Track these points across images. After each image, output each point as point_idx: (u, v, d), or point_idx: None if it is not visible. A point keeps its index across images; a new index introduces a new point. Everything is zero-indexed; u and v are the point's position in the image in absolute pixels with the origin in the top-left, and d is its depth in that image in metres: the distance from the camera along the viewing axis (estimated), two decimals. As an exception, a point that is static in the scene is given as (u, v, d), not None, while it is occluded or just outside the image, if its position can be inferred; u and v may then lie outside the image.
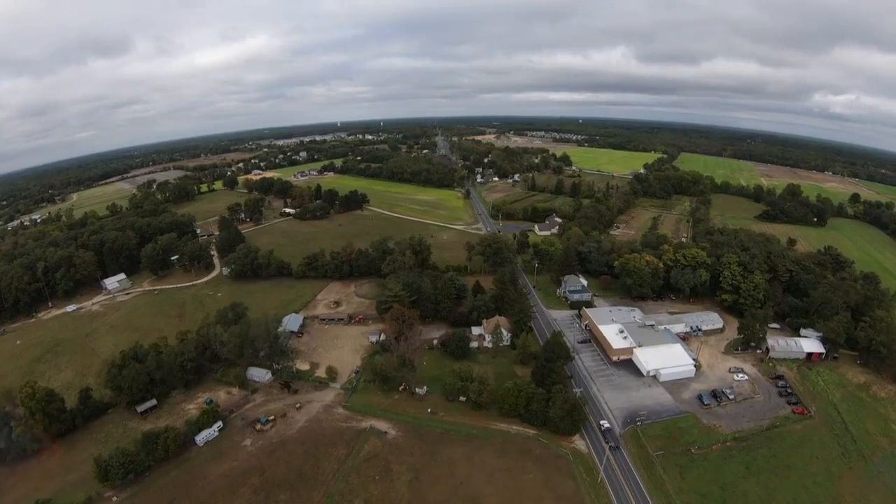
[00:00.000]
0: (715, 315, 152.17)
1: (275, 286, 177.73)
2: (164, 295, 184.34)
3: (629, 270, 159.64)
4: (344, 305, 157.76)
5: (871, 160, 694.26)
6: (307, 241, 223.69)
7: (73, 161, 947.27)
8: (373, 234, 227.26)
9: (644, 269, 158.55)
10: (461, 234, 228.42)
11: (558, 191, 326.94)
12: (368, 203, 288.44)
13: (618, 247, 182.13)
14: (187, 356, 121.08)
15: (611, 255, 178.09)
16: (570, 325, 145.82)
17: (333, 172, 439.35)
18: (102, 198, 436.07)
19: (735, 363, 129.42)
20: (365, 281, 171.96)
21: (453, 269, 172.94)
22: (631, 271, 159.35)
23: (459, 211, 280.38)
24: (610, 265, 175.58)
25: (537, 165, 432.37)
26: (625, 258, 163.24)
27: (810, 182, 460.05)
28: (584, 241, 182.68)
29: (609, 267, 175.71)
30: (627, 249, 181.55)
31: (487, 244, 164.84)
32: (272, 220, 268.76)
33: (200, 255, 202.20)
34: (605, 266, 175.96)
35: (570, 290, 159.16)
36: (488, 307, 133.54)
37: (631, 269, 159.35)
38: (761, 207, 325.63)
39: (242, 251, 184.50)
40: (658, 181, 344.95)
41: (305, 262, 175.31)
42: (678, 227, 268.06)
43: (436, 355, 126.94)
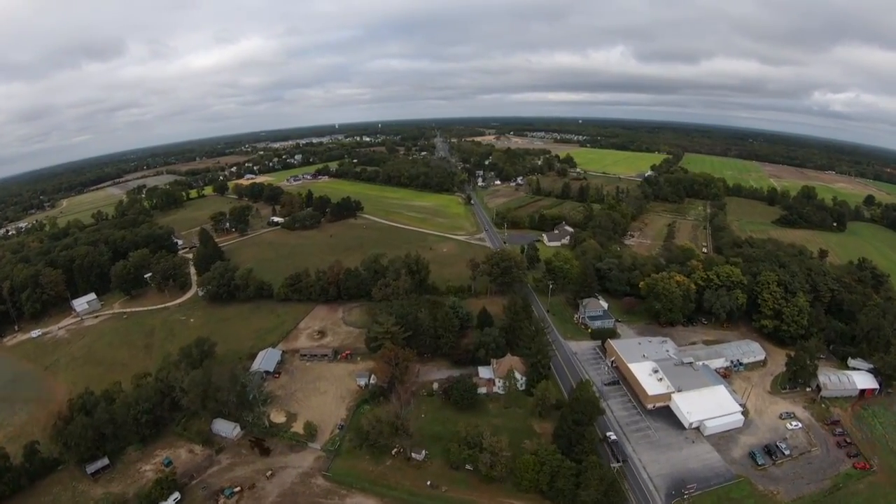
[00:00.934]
0: (756, 345, 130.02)
1: (254, 311, 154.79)
2: (133, 320, 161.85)
3: (658, 293, 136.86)
4: (329, 336, 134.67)
5: (875, 159, 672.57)
6: (294, 254, 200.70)
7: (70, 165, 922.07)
8: (366, 247, 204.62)
9: (675, 292, 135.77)
10: (463, 246, 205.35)
11: (565, 195, 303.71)
12: (362, 210, 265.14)
13: (640, 263, 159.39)
14: (142, 407, 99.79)
15: (633, 273, 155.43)
16: (592, 360, 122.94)
17: (328, 176, 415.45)
18: (92, 204, 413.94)
19: (785, 406, 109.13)
20: (354, 305, 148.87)
21: (455, 291, 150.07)
22: (660, 294, 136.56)
23: (460, 218, 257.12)
24: (632, 284, 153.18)
25: (540, 167, 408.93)
26: (652, 278, 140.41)
27: (819, 183, 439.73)
28: (603, 256, 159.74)
29: (631, 285, 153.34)
30: (652, 266, 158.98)
31: (494, 263, 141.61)
32: (259, 230, 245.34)
33: (174, 273, 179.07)
34: (627, 285, 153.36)
35: (590, 316, 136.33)
36: (498, 343, 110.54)
37: (660, 292, 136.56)
38: (777, 211, 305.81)
39: (218, 270, 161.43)
40: (669, 184, 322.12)
41: (288, 283, 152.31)
42: (695, 234, 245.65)
43: (436, 404, 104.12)
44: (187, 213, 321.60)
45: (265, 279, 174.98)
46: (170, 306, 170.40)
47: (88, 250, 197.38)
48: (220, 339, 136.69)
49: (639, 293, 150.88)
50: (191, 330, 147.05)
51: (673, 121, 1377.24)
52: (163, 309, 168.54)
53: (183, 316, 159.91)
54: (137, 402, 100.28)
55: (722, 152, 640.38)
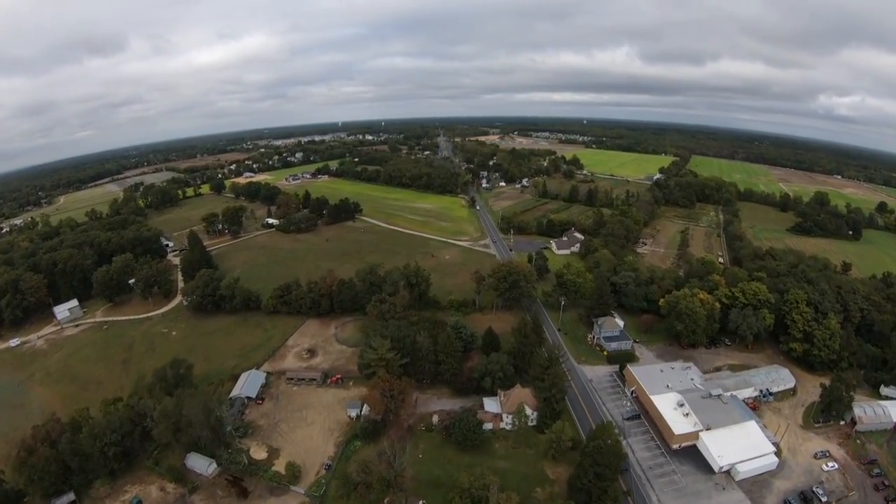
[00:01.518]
0: (785, 371, 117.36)
1: (240, 323, 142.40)
2: (114, 331, 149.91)
3: (679, 312, 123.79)
4: (320, 356, 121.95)
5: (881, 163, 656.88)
6: (287, 260, 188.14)
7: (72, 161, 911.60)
8: (364, 252, 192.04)
9: (698, 312, 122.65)
10: (466, 254, 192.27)
11: (572, 198, 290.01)
12: (361, 212, 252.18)
13: (658, 276, 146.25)
14: (110, 439, 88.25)
15: (650, 287, 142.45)
16: (610, 389, 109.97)
17: (328, 175, 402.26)
18: (89, 201, 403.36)
19: (819, 443, 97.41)
20: (349, 319, 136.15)
21: (458, 306, 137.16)
22: (682, 313, 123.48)
23: (464, 222, 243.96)
24: (650, 299, 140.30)
25: (546, 169, 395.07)
26: (673, 296, 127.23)
27: (829, 188, 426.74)
28: (618, 269, 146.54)
29: (648, 301, 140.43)
30: (671, 280, 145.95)
31: (501, 277, 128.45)
32: (253, 233, 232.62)
33: (157, 280, 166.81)
34: (644, 300, 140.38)
35: (605, 337, 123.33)
36: (506, 371, 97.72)
37: (682, 311, 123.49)
38: (791, 218, 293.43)
39: (203, 279, 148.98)
40: (679, 188, 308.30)
41: (277, 295, 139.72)
42: (710, 242, 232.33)
43: (436, 441, 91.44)
44: (182, 213, 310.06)
45: (255, 287, 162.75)
46: (153, 316, 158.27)
47: (72, 253, 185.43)
48: (202, 357, 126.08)
49: (657, 310, 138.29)
50: (171, 344, 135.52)
51: (677, 122, 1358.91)
52: (145, 319, 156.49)
53: (165, 328, 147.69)
54: (105, 432, 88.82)
55: (729, 155, 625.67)
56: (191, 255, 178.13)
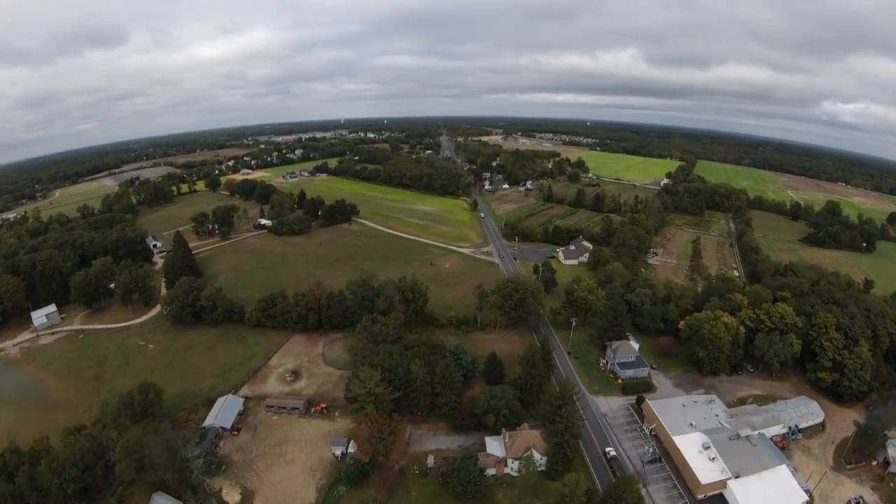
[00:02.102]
0: (814, 405, 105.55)
1: (221, 337, 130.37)
2: (89, 341, 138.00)
3: (702, 338, 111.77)
4: (304, 379, 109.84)
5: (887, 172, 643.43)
6: (277, 265, 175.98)
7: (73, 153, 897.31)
8: (358, 259, 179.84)
9: (723, 338, 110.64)
10: (468, 262, 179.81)
11: (578, 203, 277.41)
12: (358, 214, 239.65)
13: (676, 295, 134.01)
14: (70, 474, 77.11)
15: (667, 306, 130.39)
16: (626, 425, 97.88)
17: (326, 174, 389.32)
18: (84, 195, 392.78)
19: (852, 487, 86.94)
20: (338, 336, 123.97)
21: (459, 323, 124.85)
22: (704, 339, 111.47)
23: (465, 227, 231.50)
24: (666, 319, 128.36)
25: (551, 171, 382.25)
26: (695, 319, 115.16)
27: (837, 196, 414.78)
28: (633, 285, 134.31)
29: (665, 321, 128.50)
30: (690, 299, 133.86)
31: (507, 295, 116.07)
32: (244, 234, 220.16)
33: (137, 286, 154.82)
34: (661, 321, 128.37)
35: (620, 364, 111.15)
36: (511, 407, 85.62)
37: (704, 336, 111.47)
38: (803, 228, 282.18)
39: (183, 287, 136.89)
40: (689, 194, 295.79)
41: (261, 308, 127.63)
42: (723, 253, 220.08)
43: (431, 488, 79.42)
44: (175, 210, 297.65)
45: (241, 296, 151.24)
46: (131, 326, 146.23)
47: (52, 255, 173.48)
48: (178, 375, 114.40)
49: (674, 330, 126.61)
50: (147, 360, 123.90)
51: (681, 126, 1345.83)
52: (122, 329, 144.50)
53: (142, 340, 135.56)
54: (65, 465, 77.87)
55: (735, 160, 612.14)
56: (174, 259, 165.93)
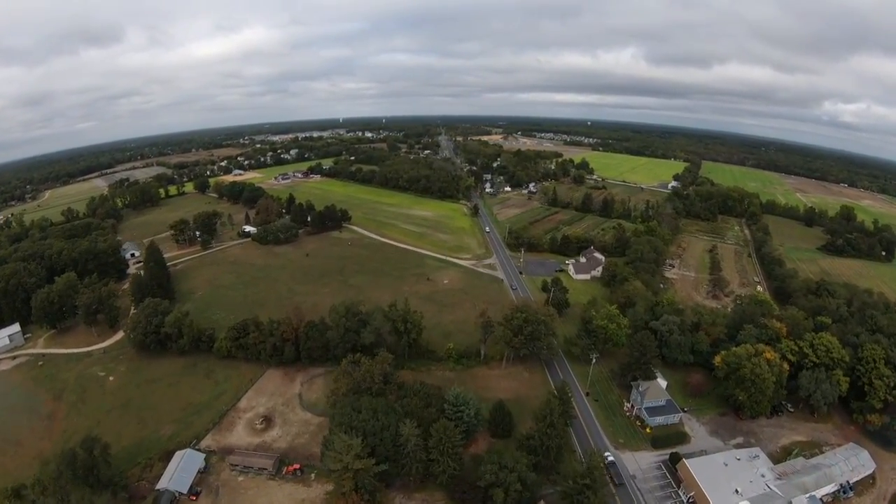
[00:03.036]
0: (865, 455, 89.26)
1: (188, 370, 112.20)
2: (48, 369, 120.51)
3: (743, 378, 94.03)
4: (278, 427, 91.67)
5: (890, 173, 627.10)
6: (258, 280, 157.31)
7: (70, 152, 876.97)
8: (347, 273, 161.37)
9: (767, 379, 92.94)
10: (469, 277, 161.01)
11: (585, 208, 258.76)
12: (350, 220, 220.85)
13: (707, 322, 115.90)
14: None
15: (697, 335, 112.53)
16: (659, 490, 79.89)
17: (320, 175, 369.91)
18: (73, 196, 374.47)
19: None
20: (318, 372, 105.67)
21: (459, 357, 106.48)
22: (745, 380, 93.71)
23: (465, 235, 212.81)
24: (696, 350, 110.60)
25: (554, 173, 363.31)
26: (734, 355, 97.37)
27: (846, 199, 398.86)
28: (657, 310, 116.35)
29: (694, 352, 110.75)
30: (722, 327, 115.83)
31: (517, 328, 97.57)
32: (227, 243, 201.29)
33: (100, 307, 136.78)
34: (690, 352, 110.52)
35: (648, 408, 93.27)
36: (524, 479, 67.48)
37: (745, 377, 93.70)
38: (818, 234, 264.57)
39: (145, 311, 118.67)
40: (700, 199, 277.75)
41: (232, 336, 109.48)
42: (742, 265, 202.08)
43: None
44: (160, 214, 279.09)
45: (215, 317, 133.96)
46: (93, 351, 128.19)
47: (16, 269, 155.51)
48: (136, 417, 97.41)
49: (704, 361, 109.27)
50: (105, 396, 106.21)
51: (682, 126, 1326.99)
52: (84, 355, 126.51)
53: (102, 371, 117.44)
54: None
55: (740, 161, 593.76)
56: (145, 274, 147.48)
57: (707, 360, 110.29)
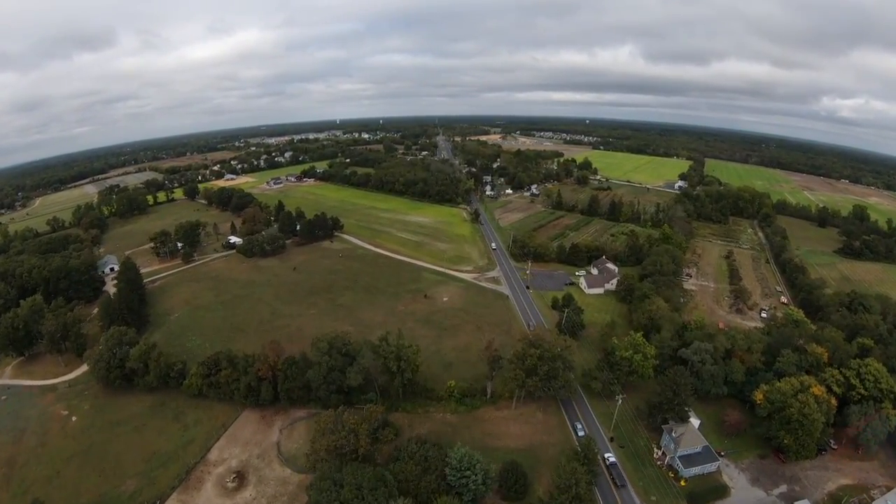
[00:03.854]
0: None
1: (155, 410, 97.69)
2: (11, 405, 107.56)
3: (789, 419, 79.90)
4: (251, 487, 76.85)
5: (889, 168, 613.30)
6: (239, 300, 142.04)
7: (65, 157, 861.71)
8: (337, 290, 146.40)
9: (815, 419, 78.85)
10: (471, 293, 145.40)
11: (592, 211, 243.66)
12: (342, 229, 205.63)
13: (742, 347, 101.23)
14: None
15: (730, 363, 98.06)
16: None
17: (314, 179, 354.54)
18: (64, 204, 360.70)
19: None
20: (300, 416, 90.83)
21: (462, 395, 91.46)
22: (792, 420, 79.56)
23: (466, 243, 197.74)
24: (730, 380, 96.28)
25: (556, 173, 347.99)
26: (778, 392, 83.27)
27: (853, 196, 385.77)
28: (686, 335, 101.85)
29: (728, 382, 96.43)
30: (758, 353, 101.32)
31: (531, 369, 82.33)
32: (210, 255, 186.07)
33: (66, 333, 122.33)
34: (724, 383, 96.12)
35: (682, 457, 78.75)
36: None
37: (792, 417, 79.54)
38: (832, 235, 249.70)
39: (109, 342, 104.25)
40: (711, 200, 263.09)
41: (203, 373, 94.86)
42: (761, 271, 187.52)
43: None
44: (147, 223, 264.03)
45: (189, 344, 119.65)
46: (59, 385, 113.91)
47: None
48: (95, 469, 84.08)
49: (737, 393, 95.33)
50: (66, 440, 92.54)
51: (680, 123, 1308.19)
52: (49, 389, 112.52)
53: (66, 409, 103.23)
54: None
55: (742, 159, 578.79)
56: (115, 296, 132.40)
57: (741, 390, 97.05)
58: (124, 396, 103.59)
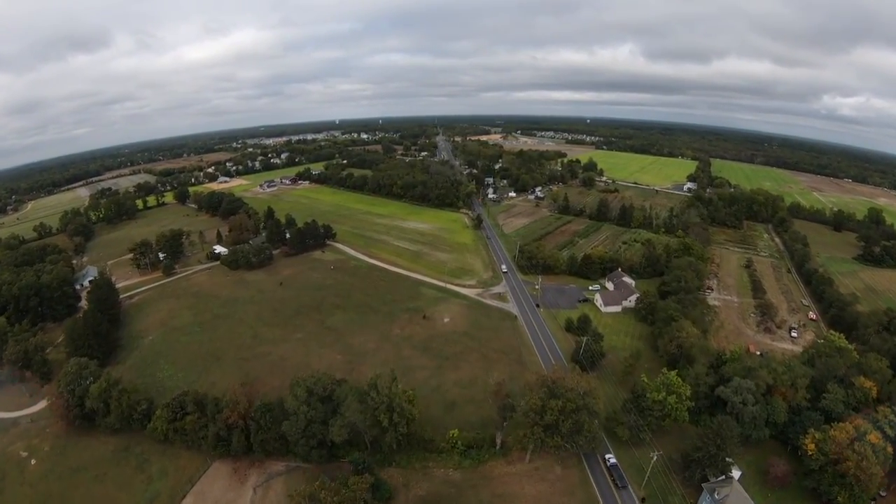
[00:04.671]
0: None
1: (118, 456, 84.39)
2: None
3: (843, 473, 66.47)
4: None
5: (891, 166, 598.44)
6: (218, 320, 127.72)
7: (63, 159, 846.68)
8: (326, 309, 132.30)
9: (874, 472, 65.66)
10: (475, 313, 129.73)
11: (601, 216, 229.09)
12: (334, 237, 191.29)
13: (785, 382, 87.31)
14: None
15: (772, 400, 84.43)
16: None
17: (309, 181, 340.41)
18: (55, 208, 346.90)
19: None
20: (278, 468, 76.84)
21: (467, 446, 77.41)
22: (848, 475, 66.14)
23: (468, 253, 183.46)
24: (772, 421, 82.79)
25: (561, 175, 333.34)
26: (832, 441, 69.67)
27: (862, 197, 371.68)
28: (724, 370, 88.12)
29: (769, 423, 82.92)
30: (803, 389, 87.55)
31: (550, 425, 67.80)
32: (194, 267, 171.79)
33: (28, 361, 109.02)
34: (766, 423, 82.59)
35: (734, 527, 65.14)
36: None
37: (849, 471, 66.23)
38: (849, 240, 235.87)
39: (67, 376, 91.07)
40: (724, 203, 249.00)
41: (168, 417, 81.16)
42: (784, 282, 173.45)
43: None
44: (134, 229, 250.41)
45: (160, 375, 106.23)
46: (21, 419, 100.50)
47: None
48: None
49: (779, 434, 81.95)
50: (25, 486, 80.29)
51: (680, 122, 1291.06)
52: (11, 424, 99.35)
53: (25, 450, 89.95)
54: None
55: (748, 159, 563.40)
56: (82, 319, 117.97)
57: (783, 431, 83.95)
58: (87, 437, 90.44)
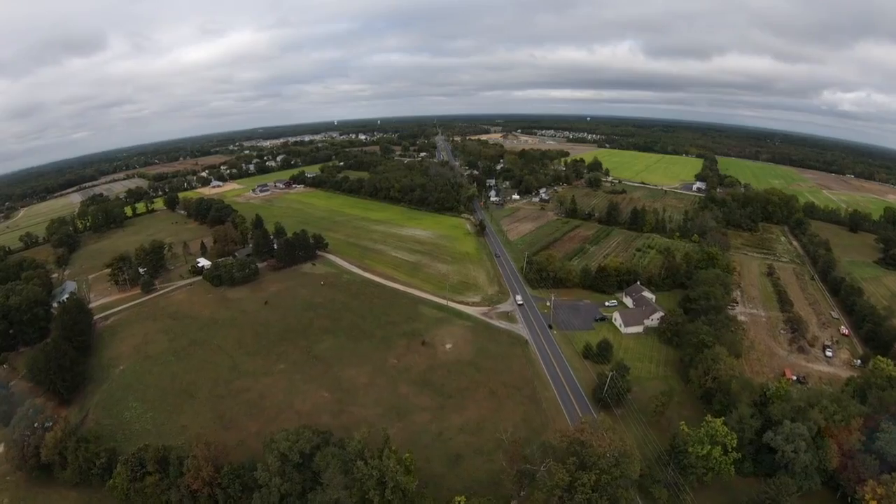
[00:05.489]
0: None
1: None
2: None
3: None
4: None
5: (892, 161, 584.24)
6: (196, 346, 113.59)
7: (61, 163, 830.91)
8: (314, 332, 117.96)
9: None
10: (480, 337, 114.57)
11: (611, 219, 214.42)
12: (326, 248, 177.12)
13: (837, 422, 73.61)
14: None
15: (824, 443, 70.91)
16: None
17: (304, 185, 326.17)
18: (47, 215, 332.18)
19: None
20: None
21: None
22: None
23: (471, 263, 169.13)
24: (823, 468, 69.40)
25: (566, 175, 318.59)
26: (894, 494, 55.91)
27: (871, 195, 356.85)
28: (768, 410, 74.30)
29: (821, 471, 69.50)
30: (858, 430, 73.86)
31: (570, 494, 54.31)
32: (175, 282, 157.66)
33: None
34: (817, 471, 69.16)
35: None
36: None
37: None
38: (867, 242, 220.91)
39: (21, 422, 78.17)
40: (738, 204, 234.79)
41: (130, 474, 67.67)
42: (809, 292, 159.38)
43: None
44: (121, 239, 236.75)
45: (127, 415, 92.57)
46: None
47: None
48: None
49: (829, 479, 68.51)
50: None
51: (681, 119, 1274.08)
52: None
53: None
54: None
55: (752, 156, 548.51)
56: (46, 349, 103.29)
57: (832, 477, 71.03)
58: (47, 489, 77.13)
